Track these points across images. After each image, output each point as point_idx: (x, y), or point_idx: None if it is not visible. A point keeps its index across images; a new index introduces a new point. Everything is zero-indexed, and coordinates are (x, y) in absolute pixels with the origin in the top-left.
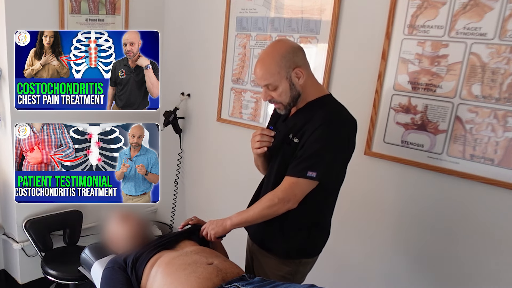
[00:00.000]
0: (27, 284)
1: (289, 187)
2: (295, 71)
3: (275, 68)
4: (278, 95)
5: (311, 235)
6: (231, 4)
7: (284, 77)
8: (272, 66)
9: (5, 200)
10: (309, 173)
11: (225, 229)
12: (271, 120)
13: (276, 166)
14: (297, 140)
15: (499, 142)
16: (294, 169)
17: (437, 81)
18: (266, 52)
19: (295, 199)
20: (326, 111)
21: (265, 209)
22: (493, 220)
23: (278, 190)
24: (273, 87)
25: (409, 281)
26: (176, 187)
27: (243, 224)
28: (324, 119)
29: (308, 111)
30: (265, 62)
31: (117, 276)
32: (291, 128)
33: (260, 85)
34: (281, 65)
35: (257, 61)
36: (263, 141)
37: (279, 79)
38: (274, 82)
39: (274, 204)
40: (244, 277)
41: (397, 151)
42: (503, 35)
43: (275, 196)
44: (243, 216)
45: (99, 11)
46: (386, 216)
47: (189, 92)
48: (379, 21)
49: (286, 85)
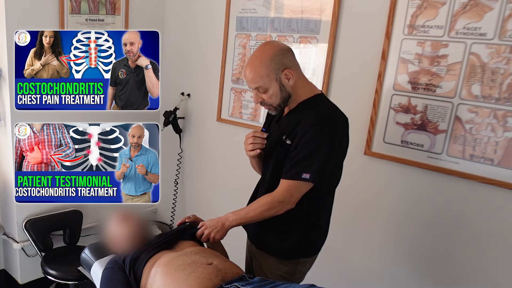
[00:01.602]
0: (27, 284)
1: (286, 189)
2: (284, 72)
3: (264, 71)
4: (268, 97)
5: (308, 234)
6: (231, 4)
7: (274, 79)
8: (262, 69)
9: (5, 200)
10: (303, 175)
11: (225, 230)
12: (266, 121)
13: (271, 168)
14: (290, 141)
15: (498, 142)
16: (289, 172)
17: (437, 81)
18: (254, 55)
19: (292, 200)
20: (316, 111)
21: (264, 211)
22: (493, 220)
23: (276, 193)
24: (263, 89)
25: (408, 281)
26: (176, 187)
27: (242, 223)
28: (314, 120)
29: (300, 112)
30: (254, 65)
31: (117, 276)
32: (284, 129)
33: (250, 88)
34: (270, 68)
35: (246, 65)
36: (256, 143)
37: (268, 82)
38: (264, 84)
39: (273, 206)
40: (244, 277)
41: (397, 151)
42: (503, 35)
43: (274, 199)
44: (242, 217)
45: (99, 11)
46: (386, 216)
47: (189, 92)
48: (379, 21)
49: (276, 87)
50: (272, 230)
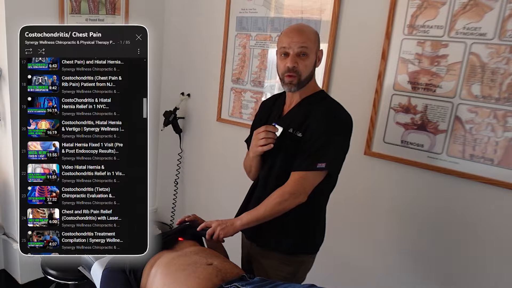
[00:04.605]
0: (27, 284)
1: (298, 181)
2: (319, 51)
3: (314, 37)
4: (304, 65)
5: (311, 229)
6: (231, 4)
7: (315, 51)
8: (312, 35)
9: (5, 200)
10: (318, 165)
11: (235, 229)
12: (258, 120)
13: (279, 164)
14: (300, 134)
15: (498, 142)
16: (303, 164)
17: (437, 81)
18: (301, 24)
19: (304, 193)
20: (327, 104)
21: (276, 205)
22: (493, 220)
23: (287, 186)
24: (306, 54)
25: (408, 281)
26: (176, 187)
27: (253, 223)
28: (327, 112)
29: (306, 106)
30: (305, 29)
31: (117, 276)
32: (289, 123)
33: (290, 50)
34: (316, 39)
35: (291, 29)
36: (269, 138)
37: (312, 49)
38: (310, 49)
39: (285, 199)
40: (244, 277)
41: (397, 151)
42: (502, 35)
43: (285, 192)
44: (253, 215)
45: (99, 11)
46: (386, 215)
47: (189, 92)
48: (379, 21)
49: (313, 59)
50: (276, 226)
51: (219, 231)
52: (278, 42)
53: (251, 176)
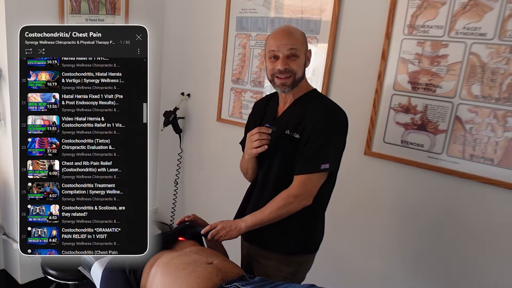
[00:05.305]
0: (27, 284)
1: (303, 184)
2: (308, 51)
3: (301, 38)
4: (296, 65)
5: (311, 229)
6: (231, 4)
7: (304, 51)
8: (300, 36)
9: (5, 200)
10: (322, 166)
11: (240, 231)
12: (252, 121)
13: (277, 163)
14: (298, 135)
15: (498, 142)
16: (306, 166)
17: (437, 81)
18: (288, 26)
19: (310, 195)
20: (323, 103)
21: (281, 208)
22: (493, 220)
23: (292, 189)
24: (295, 55)
25: (408, 281)
26: (176, 187)
27: (258, 225)
28: (325, 112)
29: (301, 106)
30: (292, 30)
31: (117, 276)
32: (285, 125)
33: (279, 53)
34: (304, 40)
35: (279, 32)
36: (263, 140)
37: (301, 50)
38: (299, 50)
39: (290, 202)
40: (244, 277)
41: (397, 151)
42: (502, 35)
43: (290, 195)
44: (258, 217)
45: (99, 11)
46: (386, 215)
47: (189, 92)
48: (379, 21)
49: (303, 59)
50: (277, 227)
51: (224, 233)
52: (266, 45)
53: (248, 178)
